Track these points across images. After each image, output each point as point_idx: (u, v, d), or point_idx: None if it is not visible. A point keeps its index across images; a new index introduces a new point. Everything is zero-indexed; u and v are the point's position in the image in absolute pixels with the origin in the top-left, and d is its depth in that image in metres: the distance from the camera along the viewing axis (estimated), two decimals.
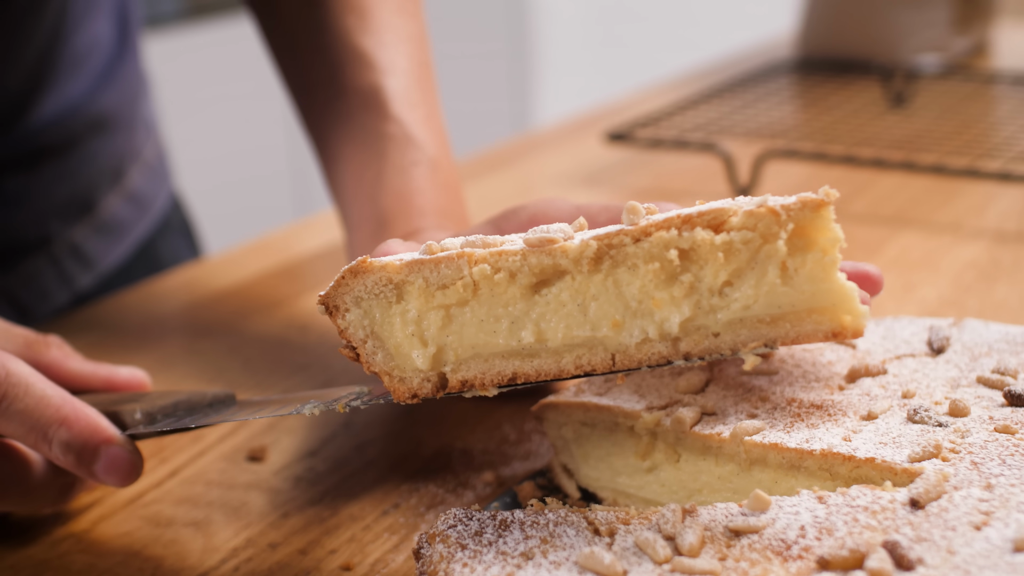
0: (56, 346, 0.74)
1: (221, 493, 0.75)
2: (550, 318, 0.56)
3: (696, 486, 0.65)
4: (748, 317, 0.56)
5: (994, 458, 0.57)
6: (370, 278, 0.57)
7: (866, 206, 1.19)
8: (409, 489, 0.74)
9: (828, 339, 0.56)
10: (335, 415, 0.84)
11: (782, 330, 0.56)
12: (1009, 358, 0.67)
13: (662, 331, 0.56)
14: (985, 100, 1.53)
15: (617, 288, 0.56)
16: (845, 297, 0.55)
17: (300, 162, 3.17)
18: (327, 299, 0.57)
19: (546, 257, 0.56)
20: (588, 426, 0.68)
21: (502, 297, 0.56)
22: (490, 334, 0.57)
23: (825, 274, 0.55)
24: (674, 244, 0.55)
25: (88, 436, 0.65)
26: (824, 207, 0.55)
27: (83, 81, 1.09)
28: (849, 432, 0.61)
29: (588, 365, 0.57)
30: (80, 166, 1.09)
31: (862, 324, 0.55)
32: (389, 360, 0.57)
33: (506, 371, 0.57)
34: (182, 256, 1.23)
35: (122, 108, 1.13)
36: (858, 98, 1.55)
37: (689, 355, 0.56)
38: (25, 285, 1.06)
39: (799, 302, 0.55)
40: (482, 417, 0.82)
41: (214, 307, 1.05)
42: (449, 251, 0.57)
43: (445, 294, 0.56)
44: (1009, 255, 1.04)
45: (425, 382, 0.57)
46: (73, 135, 1.08)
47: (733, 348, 0.56)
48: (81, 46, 1.08)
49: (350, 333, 0.57)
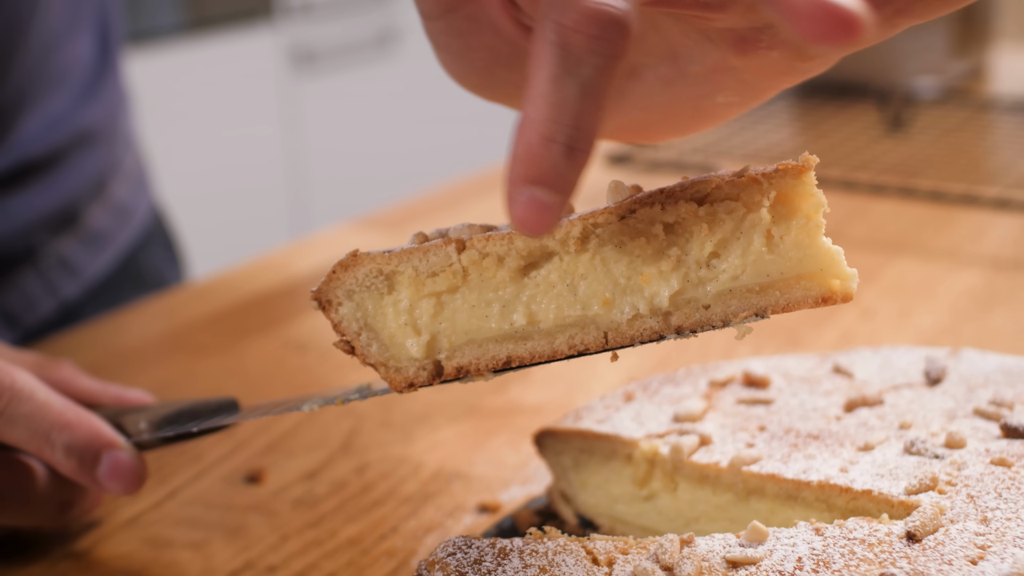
0: (66, 367, 0.75)
1: (220, 515, 0.75)
2: (540, 300, 0.56)
3: (693, 515, 0.65)
4: (737, 287, 0.55)
5: (990, 491, 0.57)
6: (361, 270, 0.57)
7: (863, 231, 1.20)
8: (407, 513, 0.74)
9: (818, 304, 0.55)
10: (333, 438, 0.84)
11: (772, 298, 0.55)
12: (1006, 390, 0.68)
13: (652, 306, 0.56)
14: (982, 125, 1.54)
15: (605, 266, 0.56)
16: (832, 261, 0.55)
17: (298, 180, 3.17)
18: (319, 294, 0.57)
19: (532, 239, 0.56)
20: (586, 453, 0.69)
21: (491, 281, 0.57)
22: (482, 319, 0.57)
23: (810, 239, 0.55)
24: (658, 218, 0.55)
25: (90, 440, 0.66)
26: (805, 173, 0.55)
27: (66, 97, 1.11)
28: (846, 463, 0.61)
29: (581, 344, 0.57)
30: (64, 179, 1.10)
31: (851, 287, 0.55)
32: (384, 351, 0.58)
33: (500, 355, 0.57)
34: (164, 266, 1.25)
35: (104, 123, 1.16)
36: (856, 122, 1.55)
37: (681, 329, 0.56)
38: (12, 295, 1.07)
39: (787, 269, 0.55)
40: (481, 441, 0.83)
41: (212, 327, 1.06)
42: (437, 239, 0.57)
43: (435, 281, 0.57)
44: (1006, 283, 1.05)
45: (421, 371, 0.58)
46: (57, 149, 1.10)
47: (724, 319, 0.56)
48: (64, 63, 1.10)
49: (344, 326, 0.57)
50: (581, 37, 0.47)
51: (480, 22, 0.61)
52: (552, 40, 0.47)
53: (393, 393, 0.59)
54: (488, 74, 0.64)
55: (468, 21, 0.61)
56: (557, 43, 0.47)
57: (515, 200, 0.47)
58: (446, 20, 0.62)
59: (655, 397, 0.71)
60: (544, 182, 0.47)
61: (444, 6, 0.61)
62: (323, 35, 3.22)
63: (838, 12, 0.43)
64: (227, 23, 3.00)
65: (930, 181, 1.25)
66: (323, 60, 3.22)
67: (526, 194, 0.47)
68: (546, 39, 0.47)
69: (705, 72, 0.62)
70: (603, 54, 0.47)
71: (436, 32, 0.63)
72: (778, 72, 0.60)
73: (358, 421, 0.86)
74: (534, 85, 0.47)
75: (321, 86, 3.23)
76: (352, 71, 3.30)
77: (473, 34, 0.62)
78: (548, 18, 0.47)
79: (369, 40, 3.36)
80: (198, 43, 2.92)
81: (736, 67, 0.61)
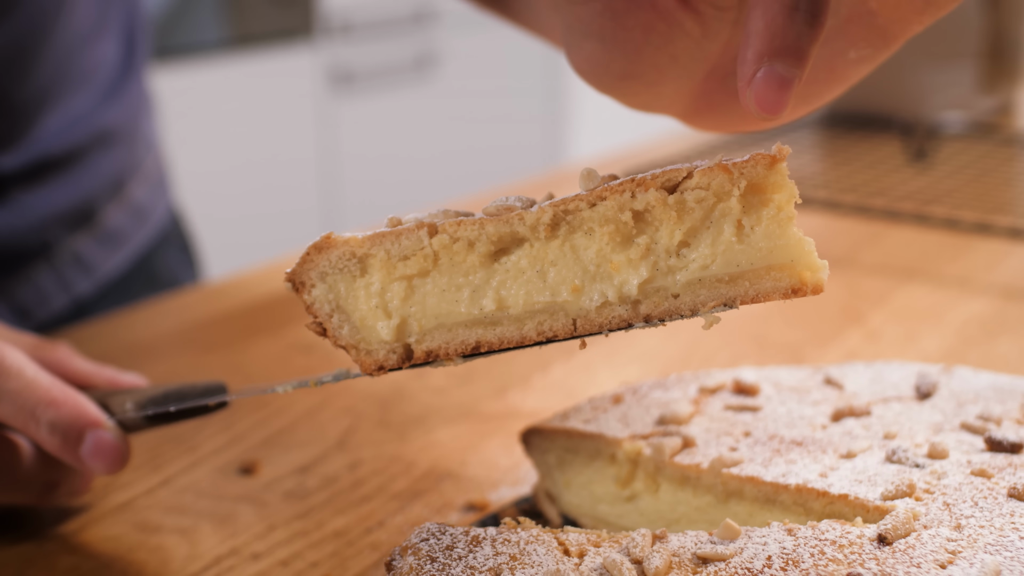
0: (62, 349, 0.76)
1: (210, 503, 0.76)
2: (510, 285, 0.57)
3: (674, 516, 0.65)
4: (707, 277, 0.55)
5: (967, 500, 0.57)
6: (334, 253, 0.57)
7: (877, 257, 1.20)
8: (395, 508, 0.75)
9: (788, 296, 0.55)
10: (329, 435, 0.84)
11: (741, 289, 0.55)
12: (994, 405, 0.67)
13: (621, 294, 0.56)
14: (1003, 158, 1.53)
15: (575, 253, 0.56)
16: (803, 252, 0.55)
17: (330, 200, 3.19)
18: (293, 275, 0.58)
19: (503, 225, 0.56)
20: (571, 452, 0.69)
21: (462, 266, 0.57)
22: (452, 303, 0.57)
23: (781, 230, 0.55)
24: (628, 206, 0.55)
25: (75, 418, 0.67)
26: (777, 163, 0.54)
27: (89, 97, 1.12)
28: (827, 469, 0.61)
29: (550, 331, 0.57)
30: (83, 177, 1.12)
31: (821, 279, 0.55)
32: (355, 333, 0.58)
33: (469, 340, 0.57)
34: (179, 268, 1.26)
35: (125, 124, 1.17)
36: (878, 152, 1.55)
37: (649, 317, 0.56)
38: (25, 289, 1.08)
39: (757, 260, 0.55)
40: (475, 443, 0.83)
41: (221, 326, 1.07)
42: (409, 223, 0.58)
43: (406, 265, 0.57)
44: (1015, 311, 1.05)
45: (391, 354, 0.58)
46: (77, 148, 1.11)
47: (693, 309, 0.56)
48: (88, 64, 1.11)
49: (316, 308, 0.58)
50: None
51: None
52: None
53: (365, 376, 0.59)
54: (636, 58, 0.64)
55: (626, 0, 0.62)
56: None
57: (754, 79, 0.48)
58: (603, 1, 0.62)
59: (644, 400, 0.71)
60: (787, 54, 0.47)
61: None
62: (362, 56, 3.25)
63: None
64: (268, 41, 3.03)
65: (945, 209, 1.25)
66: (361, 81, 3.25)
67: (765, 70, 0.47)
68: None
69: (839, 24, 0.62)
70: None
71: (588, 16, 0.63)
72: (914, 10, 0.60)
73: (355, 420, 0.87)
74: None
75: (358, 107, 3.25)
76: (389, 93, 3.33)
77: (630, 13, 0.62)
78: None
79: (407, 63, 3.38)
80: (239, 59, 2.95)
81: (872, 11, 0.61)
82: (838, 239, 1.25)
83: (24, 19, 1.02)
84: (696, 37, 0.63)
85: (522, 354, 0.96)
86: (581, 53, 0.65)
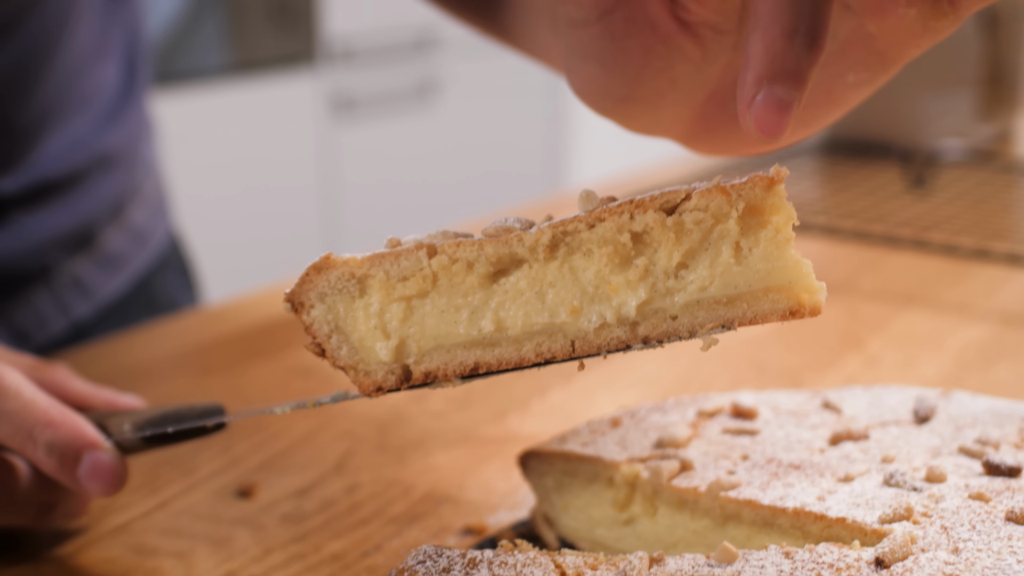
0: (60, 370, 0.76)
1: (207, 526, 0.76)
2: (509, 307, 0.57)
3: (672, 540, 0.65)
4: (705, 299, 0.55)
5: (964, 523, 0.57)
6: (333, 273, 0.58)
7: (876, 283, 1.20)
8: (393, 532, 0.75)
9: (786, 317, 0.55)
10: (327, 458, 0.84)
11: (739, 310, 0.55)
12: (993, 430, 0.67)
13: (620, 315, 0.56)
14: (1003, 186, 1.53)
15: (573, 274, 0.56)
16: (801, 275, 0.55)
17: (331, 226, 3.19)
18: (292, 296, 0.58)
19: (502, 246, 0.56)
20: (569, 475, 0.69)
21: (461, 287, 0.57)
22: (451, 324, 0.57)
23: (779, 252, 0.55)
24: (626, 227, 0.55)
25: (72, 439, 0.67)
26: (775, 185, 0.54)
27: (89, 121, 1.12)
28: (824, 492, 0.61)
29: (548, 352, 0.57)
30: (83, 201, 1.12)
31: (819, 301, 0.55)
32: (354, 354, 0.58)
33: (468, 361, 0.58)
34: (178, 292, 1.27)
35: (126, 148, 1.17)
36: (877, 178, 1.55)
37: (648, 339, 0.56)
38: (24, 312, 1.08)
39: (755, 281, 0.55)
40: (474, 467, 0.83)
41: (220, 349, 1.07)
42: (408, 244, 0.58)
43: (405, 286, 0.57)
44: (1014, 337, 1.05)
45: (389, 374, 0.58)
46: (77, 171, 1.11)
47: (691, 330, 0.56)
48: (89, 87, 1.12)
49: (315, 329, 0.58)
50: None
51: (637, 22, 0.62)
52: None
53: (363, 397, 0.59)
54: (636, 82, 0.64)
55: (626, 22, 0.62)
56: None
57: (754, 103, 0.48)
58: (602, 24, 0.62)
59: (642, 424, 0.71)
60: (786, 77, 0.47)
61: (602, 8, 0.62)
62: (363, 82, 3.26)
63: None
64: (270, 66, 3.04)
65: (944, 235, 1.25)
66: (362, 107, 3.26)
67: (765, 93, 0.48)
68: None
69: (838, 48, 0.62)
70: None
71: (588, 39, 0.63)
72: (912, 35, 0.60)
73: (354, 443, 0.87)
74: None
75: (359, 132, 3.26)
76: (391, 119, 3.34)
77: (629, 36, 0.62)
78: None
79: (409, 89, 3.39)
80: (241, 84, 2.96)
81: (870, 35, 0.61)
82: (837, 265, 1.25)
83: (25, 42, 1.03)
84: (696, 60, 0.64)
85: (521, 378, 0.96)
86: (581, 76, 0.65)
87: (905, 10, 0.59)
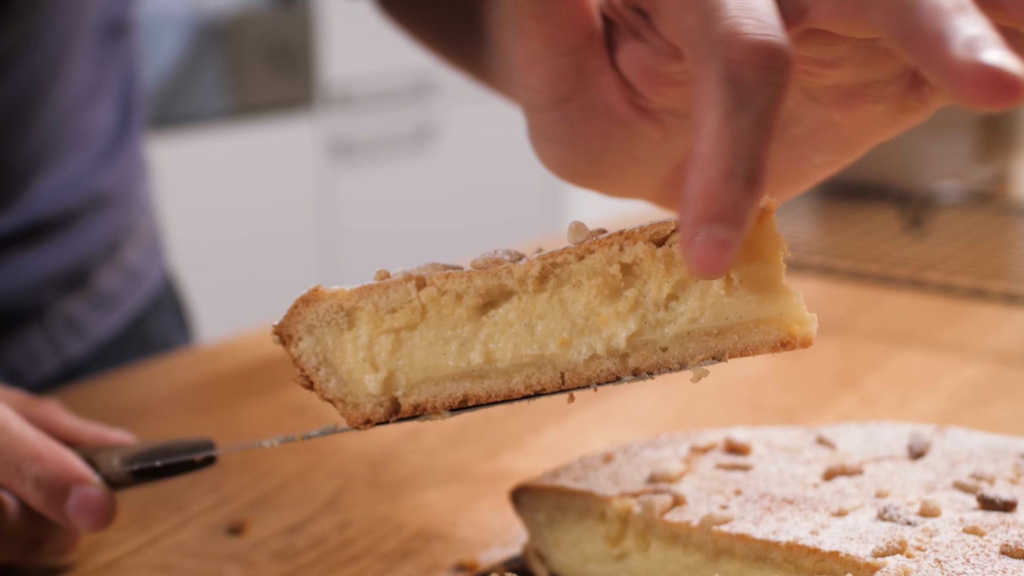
0: (50, 406, 0.75)
1: (197, 563, 0.75)
2: (498, 339, 0.56)
3: (664, 575, 0.64)
4: (695, 330, 0.55)
5: (959, 557, 0.56)
6: (322, 306, 0.57)
7: (872, 323, 1.20)
8: (384, 569, 0.74)
9: (777, 349, 0.55)
10: (319, 496, 0.84)
11: (730, 342, 0.55)
12: (988, 465, 0.67)
13: (610, 347, 0.56)
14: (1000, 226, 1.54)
15: (563, 306, 0.56)
16: (792, 306, 0.55)
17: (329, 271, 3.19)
18: (280, 328, 0.58)
19: (491, 278, 0.56)
20: (561, 511, 0.68)
21: (450, 319, 0.57)
22: (440, 356, 0.57)
23: (770, 283, 0.55)
24: (616, 259, 0.55)
25: (60, 474, 0.66)
26: (766, 216, 0.54)
27: (83, 160, 1.12)
28: (818, 526, 0.61)
29: (538, 384, 0.56)
30: (76, 240, 1.12)
31: (811, 332, 0.55)
32: (342, 387, 0.58)
33: (457, 393, 0.57)
34: (172, 332, 1.26)
35: (120, 188, 1.17)
36: (873, 220, 1.56)
37: (638, 370, 0.56)
38: (17, 351, 1.08)
39: (746, 313, 0.55)
40: (467, 504, 0.82)
41: (213, 388, 1.06)
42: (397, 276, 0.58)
43: (394, 318, 0.57)
44: (1010, 376, 1.04)
45: (378, 407, 0.58)
46: (71, 211, 1.11)
47: (681, 362, 0.55)
48: (84, 128, 1.12)
49: (303, 361, 0.58)
50: (750, 69, 0.47)
51: (595, 109, 0.62)
52: (722, 76, 0.48)
53: (352, 431, 0.59)
54: (597, 160, 0.64)
55: (582, 110, 0.62)
56: (727, 78, 0.48)
57: (693, 243, 0.48)
58: (560, 110, 0.62)
59: (634, 459, 0.71)
60: (724, 219, 0.47)
61: (558, 96, 0.62)
62: (362, 127, 3.27)
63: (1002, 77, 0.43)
64: (269, 111, 3.05)
65: (940, 275, 1.25)
66: (360, 152, 3.26)
67: (704, 234, 0.47)
68: (714, 76, 0.48)
69: (806, 132, 0.63)
70: (773, 83, 0.48)
71: (546, 123, 0.63)
72: (880, 126, 0.60)
73: (346, 481, 0.86)
74: (706, 123, 0.48)
75: (357, 177, 3.26)
76: (389, 164, 3.34)
77: (587, 122, 0.62)
78: (713, 56, 0.48)
79: (407, 134, 3.40)
80: (240, 129, 2.97)
81: (837, 124, 0.61)
82: (833, 304, 1.25)
83: (19, 82, 1.03)
84: (658, 141, 0.64)
85: (515, 416, 0.96)
86: (544, 154, 0.65)
87: (872, 106, 0.59)
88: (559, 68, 0.61)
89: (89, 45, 1.11)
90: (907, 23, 0.46)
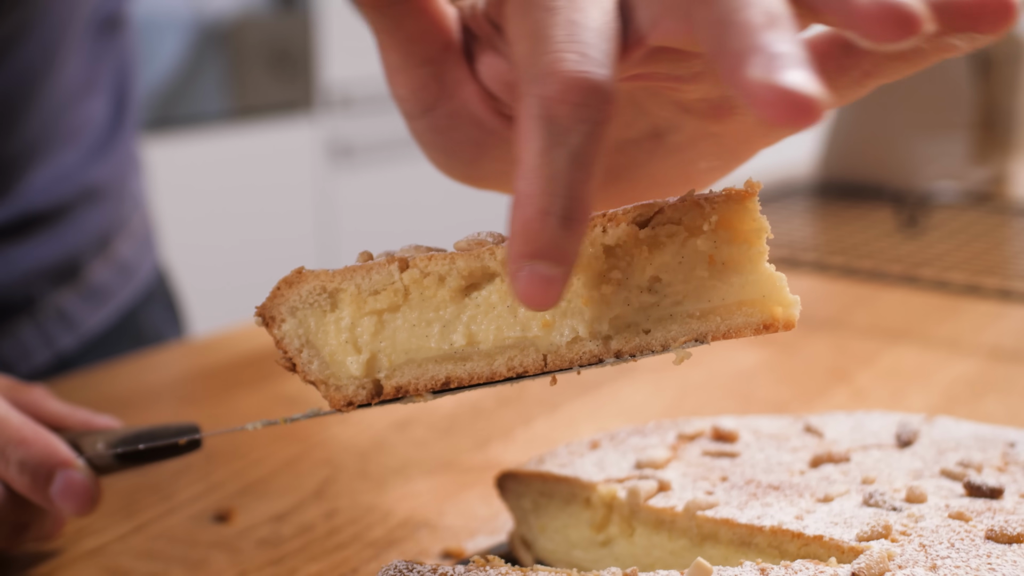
0: (37, 391, 0.75)
1: (183, 550, 0.75)
2: (480, 320, 0.56)
3: (649, 561, 0.64)
4: (678, 312, 0.55)
5: (943, 541, 0.56)
6: (304, 287, 0.57)
7: (866, 319, 1.19)
8: (370, 556, 0.74)
9: (760, 332, 0.54)
10: (307, 484, 0.84)
11: (712, 324, 0.55)
12: (975, 453, 0.67)
13: (592, 329, 0.55)
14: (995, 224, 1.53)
15: None
16: (775, 288, 0.54)
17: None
18: (263, 310, 0.57)
19: (474, 260, 0.56)
20: (546, 497, 0.68)
21: (432, 301, 0.56)
22: (422, 338, 0.57)
23: (752, 266, 0.54)
24: (599, 241, 0.55)
25: (45, 457, 0.66)
26: (749, 198, 0.54)
27: (76, 154, 1.12)
28: (803, 512, 0.61)
29: (520, 366, 0.56)
30: (68, 233, 1.12)
31: (793, 315, 0.54)
32: (325, 368, 0.57)
33: (439, 375, 0.57)
34: (164, 326, 1.26)
35: (113, 181, 1.17)
36: (868, 219, 1.55)
37: (620, 353, 0.55)
38: (8, 344, 1.08)
39: (728, 295, 0.55)
40: (454, 493, 0.82)
41: (205, 380, 1.06)
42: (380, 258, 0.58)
43: (377, 299, 0.57)
44: (1003, 371, 1.04)
45: (360, 389, 0.57)
46: (63, 204, 1.11)
47: (664, 344, 0.55)
48: (77, 121, 1.12)
49: (286, 343, 0.57)
50: (566, 107, 0.47)
51: (461, 117, 0.63)
52: (537, 114, 0.47)
53: (336, 413, 0.58)
54: (476, 165, 0.65)
55: (449, 118, 0.63)
56: (542, 116, 0.47)
57: (517, 277, 0.47)
58: (427, 119, 0.63)
59: (621, 446, 0.70)
60: (544, 255, 0.47)
61: (424, 106, 0.62)
62: (361, 130, 3.27)
63: (796, 100, 0.42)
64: (268, 113, 3.05)
65: (934, 271, 1.24)
66: (360, 154, 3.26)
67: (528, 269, 0.47)
68: (530, 114, 0.47)
69: (686, 141, 0.63)
70: (589, 120, 0.47)
71: (420, 131, 0.65)
72: (757, 135, 0.61)
73: (334, 470, 0.86)
74: (524, 160, 0.47)
75: (356, 179, 3.26)
76: (388, 167, 3.34)
77: (455, 129, 0.63)
78: (529, 94, 0.48)
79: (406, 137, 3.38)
80: (240, 130, 2.97)
81: (716, 133, 0.61)
82: (827, 301, 1.25)
83: (13, 73, 1.03)
84: None
85: (505, 408, 0.96)
86: (429, 158, 0.66)
87: (744, 116, 0.59)
88: (419, 78, 0.61)
89: (83, 39, 1.11)
90: (719, 40, 0.45)
